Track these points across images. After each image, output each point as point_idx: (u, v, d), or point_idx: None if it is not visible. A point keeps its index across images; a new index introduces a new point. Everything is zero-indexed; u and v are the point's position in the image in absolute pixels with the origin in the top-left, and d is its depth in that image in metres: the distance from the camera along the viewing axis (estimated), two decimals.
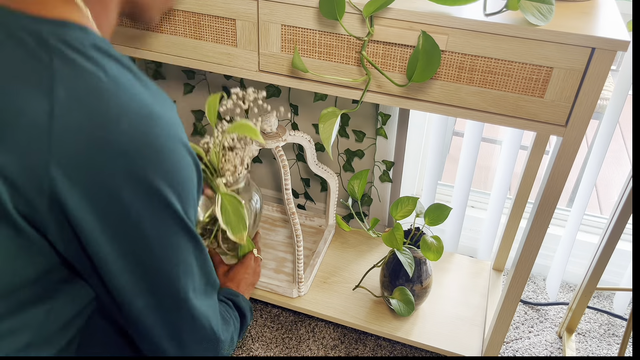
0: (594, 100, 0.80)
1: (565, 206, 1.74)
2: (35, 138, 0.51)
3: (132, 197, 0.54)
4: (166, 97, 0.59)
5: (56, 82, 0.52)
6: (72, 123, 0.51)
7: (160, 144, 0.55)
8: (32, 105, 0.51)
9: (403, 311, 1.23)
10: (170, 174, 0.56)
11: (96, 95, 0.52)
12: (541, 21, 0.77)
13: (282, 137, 1.23)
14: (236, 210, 0.95)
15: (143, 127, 0.54)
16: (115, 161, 0.52)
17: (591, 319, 1.50)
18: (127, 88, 0.54)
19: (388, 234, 1.17)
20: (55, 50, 0.53)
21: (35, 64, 0.52)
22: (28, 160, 0.51)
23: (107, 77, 0.53)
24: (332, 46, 0.91)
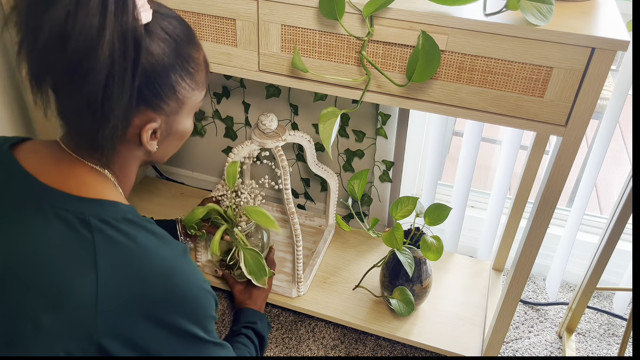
0: (594, 100, 0.80)
1: (565, 206, 1.74)
2: (86, 305, 0.63)
3: (164, 337, 0.69)
4: (179, 247, 0.72)
5: (98, 256, 0.64)
6: (114, 287, 0.64)
7: (182, 291, 0.69)
8: (81, 277, 0.63)
9: (403, 311, 1.23)
10: (194, 313, 0.71)
11: (130, 261, 0.65)
12: (541, 21, 0.77)
13: (282, 137, 1.23)
14: (257, 261, 1.16)
15: (167, 281, 0.67)
16: (149, 312, 0.66)
17: (591, 319, 1.50)
18: (152, 250, 0.67)
19: (388, 234, 1.17)
20: (95, 228, 0.65)
21: (80, 241, 0.64)
22: (80, 322, 0.63)
23: (137, 246, 0.66)
24: (332, 46, 0.91)
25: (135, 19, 0.62)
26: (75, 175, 0.69)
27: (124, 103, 0.63)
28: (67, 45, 0.59)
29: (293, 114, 1.49)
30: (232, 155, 1.25)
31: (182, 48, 0.71)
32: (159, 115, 0.71)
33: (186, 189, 1.71)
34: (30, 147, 0.73)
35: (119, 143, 0.70)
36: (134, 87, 0.64)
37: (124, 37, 0.61)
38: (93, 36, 0.59)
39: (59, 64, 0.60)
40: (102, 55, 0.59)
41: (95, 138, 0.66)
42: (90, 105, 0.62)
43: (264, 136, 1.22)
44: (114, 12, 0.60)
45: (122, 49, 0.61)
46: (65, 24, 0.58)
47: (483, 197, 1.65)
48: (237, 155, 1.26)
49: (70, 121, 0.67)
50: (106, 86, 0.61)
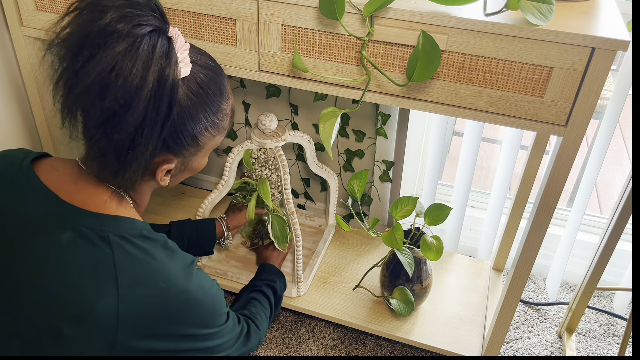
0: (594, 100, 0.80)
1: (565, 206, 1.74)
2: (107, 318, 0.65)
3: (181, 342, 0.73)
4: (189, 258, 0.75)
5: (118, 271, 0.66)
6: (134, 300, 0.66)
7: (199, 301, 0.73)
8: (103, 292, 0.65)
9: (403, 311, 1.23)
10: (209, 318, 0.76)
11: (149, 275, 0.68)
12: (541, 21, 0.77)
13: (282, 137, 1.22)
14: (282, 227, 1.30)
15: (185, 293, 0.71)
16: (167, 322, 0.70)
17: (591, 318, 1.50)
18: (167, 265, 0.70)
19: (388, 234, 1.17)
20: (115, 244, 0.67)
21: (101, 257, 0.66)
22: (102, 334, 0.66)
23: (154, 260, 0.69)
24: (332, 46, 0.91)
25: (175, 79, 0.64)
26: (93, 194, 0.71)
27: (148, 152, 0.66)
28: (107, 96, 0.60)
29: (293, 114, 1.49)
30: (232, 155, 1.25)
31: (213, 101, 0.73)
32: (176, 158, 0.73)
33: (186, 189, 1.71)
34: (49, 164, 0.74)
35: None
36: (160, 139, 0.66)
37: (160, 94, 0.63)
38: (132, 92, 0.60)
39: (94, 109, 0.62)
40: (137, 110, 0.61)
41: (116, 175, 0.68)
42: (116, 150, 0.64)
43: (263, 136, 1.22)
44: (157, 72, 0.62)
45: (157, 105, 0.63)
46: (109, 76, 0.60)
47: (483, 197, 1.65)
48: (237, 155, 1.26)
49: (94, 156, 0.68)
50: (134, 137, 0.63)
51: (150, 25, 0.62)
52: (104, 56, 0.60)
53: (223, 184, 1.30)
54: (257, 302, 1.07)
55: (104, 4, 0.62)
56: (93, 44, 0.60)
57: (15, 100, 1.29)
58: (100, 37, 0.60)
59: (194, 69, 0.70)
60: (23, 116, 1.32)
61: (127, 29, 0.60)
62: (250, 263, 1.42)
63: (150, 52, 0.61)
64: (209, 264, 1.39)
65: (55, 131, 1.29)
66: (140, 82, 0.60)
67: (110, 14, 0.61)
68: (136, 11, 0.62)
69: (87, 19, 0.62)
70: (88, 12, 0.62)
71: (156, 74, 0.61)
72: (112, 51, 0.60)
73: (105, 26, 0.60)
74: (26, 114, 1.33)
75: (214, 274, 1.38)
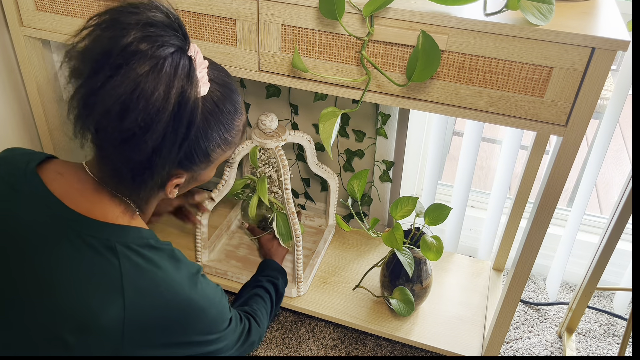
0: (594, 100, 0.80)
1: (565, 206, 1.74)
2: (113, 328, 0.65)
3: (187, 349, 0.74)
4: (194, 267, 0.75)
5: (125, 281, 0.66)
6: (140, 310, 0.66)
7: (203, 310, 0.73)
8: (109, 302, 0.65)
9: (403, 311, 1.23)
10: (213, 326, 0.77)
11: (155, 285, 0.68)
12: (541, 21, 0.77)
13: (282, 137, 1.22)
14: (287, 225, 1.31)
15: (190, 303, 0.71)
16: (172, 332, 0.70)
17: (591, 318, 1.50)
18: (173, 274, 0.70)
19: (388, 234, 1.17)
20: (121, 254, 0.67)
21: (107, 267, 0.66)
22: (107, 343, 0.66)
23: (160, 271, 0.69)
24: (332, 46, 0.91)
25: (196, 99, 0.64)
26: (100, 202, 0.70)
27: (165, 171, 0.66)
28: (127, 118, 0.59)
29: (293, 114, 1.49)
30: (232, 155, 1.25)
31: (227, 119, 0.72)
32: (186, 172, 0.73)
33: None
34: (55, 169, 0.73)
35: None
36: (177, 158, 0.66)
37: (180, 115, 0.62)
38: (153, 114, 0.60)
39: (112, 130, 0.61)
40: (156, 132, 0.61)
41: (131, 194, 0.69)
42: (133, 171, 0.64)
43: (264, 136, 1.22)
44: (178, 93, 0.61)
45: (176, 127, 0.62)
46: (130, 97, 0.59)
47: (483, 197, 1.65)
48: (237, 155, 1.26)
49: (110, 174, 0.68)
50: (152, 157, 0.63)
51: (173, 46, 0.61)
52: (126, 77, 0.58)
53: (223, 184, 1.30)
54: (259, 297, 1.07)
55: (126, 21, 0.61)
56: (114, 64, 0.59)
57: (15, 100, 1.29)
58: (122, 57, 0.59)
59: (211, 86, 0.69)
60: (23, 116, 1.32)
61: (149, 49, 0.59)
62: (250, 263, 1.42)
63: (172, 74, 0.60)
64: (209, 264, 1.39)
65: (55, 131, 1.29)
66: (162, 104, 0.60)
67: (133, 33, 0.59)
68: (159, 31, 0.61)
69: (107, 35, 0.60)
70: (108, 29, 0.61)
71: (177, 95, 0.61)
72: (135, 72, 0.58)
73: (127, 45, 0.59)
74: (26, 114, 1.33)
75: (214, 274, 1.38)
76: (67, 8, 1.05)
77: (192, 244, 1.47)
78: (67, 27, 1.07)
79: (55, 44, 1.29)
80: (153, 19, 0.61)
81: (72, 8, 1.04)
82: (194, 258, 1.43)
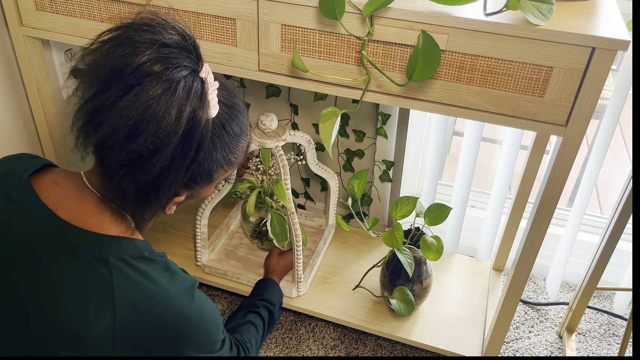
0: (594, 100, 0.80)
1: (565, 206, 1.74)
2: (102, 343, 0.64)
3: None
4: (189, 280, 0.73)
5: (116, 295, 0.64)
6: (131, 325, 0.65)
7: (198, 325, 0.72)
8: (98, 317, 0.64)
9: (403, 311, 1.22)
10: (207, 341, 0.75)
11: (148, 299, 0.66)
12: (541, 21, 0.77)
13: (282, 137, 1.22)
14: (281, 225, 1.29)
15: (184, 318, 0.69)
16: (164, 344, 0.69)
17: (591, 318, 1.50)
18: (167, 288, 0.68)
19: (388, 234, 1.17)
20: (114, 267, 0.65)
21: (98, 280, 0.64)
22: (98, 353, 0.65)
23: (154, 284, 0.67)
24: (332, 46, 0.91)
25: (208, 121, 0.63)
26: (97, 214, 0.69)
27: (171, 193, 0.64)
28: (136, 140, 0.58)
29: (293, 113, 1.49)
30: None
31: (232, 141, 0.71)
32: (187, 191, 0.72)
33: None
34: (51, 178, 0.71)
35: None
36: (183, 180, 0.65)
37: (190, 138, 0.61)
38: (163, 137, 0.58)
39: (120, 150, 0.59)
40: (165, 154, 0.59)
41: (134, 215, 0.68)
42: (138, 190, 0.63)
43: (264, 136, 1.22)
44: (190, 116, 0.60)
45: (186, 150, 0.61)
46: (141, 119, 0.57)
47: (483, 197, 1.65)
48: None
49: (113, 194, 0.66)
50: (159, 178, 0.62)
51: (186, 69, 0.60)
52: (138, 98, 0.57)
53: (223, 183, 1.30)
54: (252, 326, 1.04)
55: (141, 40, 0.59)
56: (127, 83, 0.57)
57: (15, 100, 1.29)
58: (134, 77, 0.58)
59: (220, 108, 0.68)
60: (23, 116, 1.32)
61: (164, 71, 0.58)
62: (250, 263, 1.42)
63: (185, 97, 0.59)
64: (209, 264, 1.39)
65: (55, 132, 1.29)
66: (173, 127, 0.59)
67: (147, 53, 0.58)
68: (174, 53, 0.60)
69: (121, 53, 0.59)
70: (122, 46, 0.59)
71: (189, 118, 0.60)
72: (147, 94, 0.57)
73: (141, 65, 0.58)
74: (26, 114, 1.33)
75: (214, 274, 1.38)
76: (67, 8, 1.05)
77: (192, 244, 1.47)
78: (67, 27, 1.07)
79: (55, 43, 1.29)
80: (168, 40, 0.60)
81: (72, 8, 1.04)
82: (194, 258, 1.43)
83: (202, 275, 1.39)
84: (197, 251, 1.39)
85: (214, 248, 1.45)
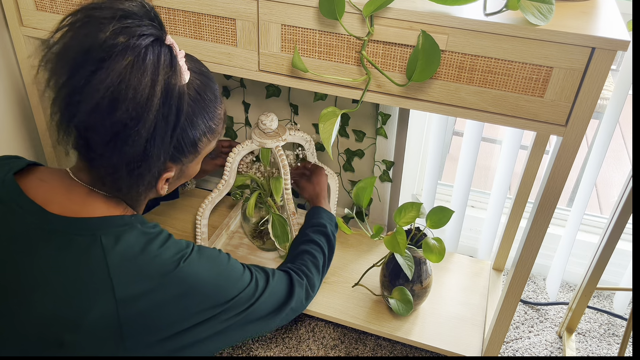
0: (594, 100, 0.80)
1: (565, 206, 1.74)
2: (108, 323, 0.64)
3: (202, 329, 0.71)
4: (184, 243, 0.72)
5: (112, 274, 0.64)
6: (134, 300, 0.65)
7: (202, 285, 0.71)
8: (97, 299, 0.64)
9: (402, 311, 1.22)
10: (221, 298, 0.73)
11: (145, 273, 0.66)
12: (541, 21, 0.77)
13: (283, 137, 1.22)
14: (282, 227, 1.29)
15: (183, 281, 0.69)
16: (176, 313, 0.68)
17: (591, 318, 1.50)
18: (160, 255, 0.68)
19: (390, 237, 1.16)
20: (106, 247, 0.65)
21: (93, 264, 0.64)
22: (106, 336, 0.64)
23: (149, 256, 0.67)
24: (332, 46, 0.91)
25: (181, 86, 0.64)
26: (88, 202, 0.69)
27: (160, 162, 0.65)
28: (118, 109, 0.59)
29: (293, 113, 1.49)
30: (232, 155, 1.25)
31: (209, 106, 0.73)
32: (175, 166, 0.73)
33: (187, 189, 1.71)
34: (37, 176, 0.72)
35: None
36: (170, 147, 0.66)
37: (169, 103, 0.62)
38: (143, 103, 0.60)
39: (104, 125, 0.60)
40: (148, 120, 0.61)
41: (130, 190, 0.67)
42: (129, 164, 0.63)
43: (264, 136, 1.22)
44: (164, 81, 0.61)
45: (166, 114, 0.62)
46: (118, 88, 0.59)
47: (483, 197, 1.65)
48: (237, 155, 1.26)
49: (103, 175, 0.67)
50: (146, 147, 0.62)
51: (151, 36, 0.62)
52: (111, 70, 0.58)
53: (223, 183, 1.30)
54: (306, 254, 1.02)
55: (100, 16, 0.60)
56: (96, 58, 0.59)
57: (15, 100, 1.29)
58: (103, 51, 0.59)
59: (190, 75, 0.70)
60: (23, 116, 1.32)
61: (129, 41, 0.59)
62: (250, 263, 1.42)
63: (156, 62, 0.61)
64: None
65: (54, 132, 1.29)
66: (150, 92, 0.60)
67: (110, 27, 0.59)
68: (136, 22, 0.61)
69: (84, 32, 0.60)
70: (84, 26, 0.61)
71: (163, 83, 0.61)
72: (119, 64, 0.59)
73: (106, 39, 0.59)
74: (26, 114, 1.33)
75: None
76: (67, 8, 1.05)
77: None
78: None
79: None
80: (128, 10, 0.61)
81: (72, 8, 1.04)
82: None
83: None
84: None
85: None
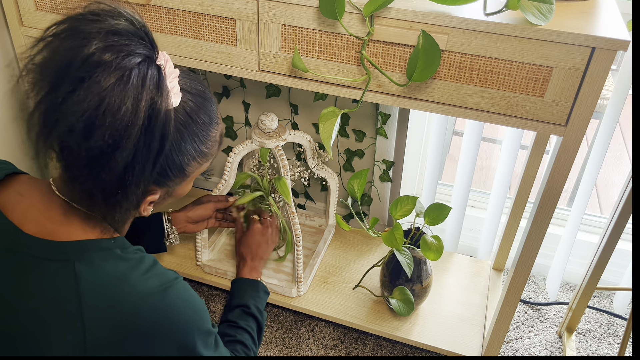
0: (594, 100, 0.80)
1: (565, 206, 1.74)
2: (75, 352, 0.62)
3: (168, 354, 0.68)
4: (170, 275, 0.69)
5: (83, 303, 0.61)
6: (102, 330, 0.62)
7: (172, 323, 0.67)
8: (66, 328, 0.61)
9: (402, 311, 1.23)
10: (187, 338, 0.69)
11: (117, 302, 0.63)
12: (541, 21, 0.77)
13: (283, 137, 1.23)
14: (282, 227, 1.30)
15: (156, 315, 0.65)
16: (144, 343, 0.65)
17: (591, 318, 1.50)
18: (137, 286, 0.64)
19: (388, 233, 1.17)
20: (79, 275, 0.62)
21: (64, 290, 0.62)
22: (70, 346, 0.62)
23: (124, 284, 0.64)
24: (332, 46, 0.91)
25: (168, 111, 0.59)
26: (65, 222, 0.66)
27: (140, 190, 0.61)
28: (92, 136, 0.55)
29: (293, 113, 1.49)
30: (232, 155, 1.25)
31: (201, 130, 0.68)
32: (160, 189, 0.69)
33: None
34: (15, 189, 0.68)
35: None
36: (152, 175, 0.61)
37: (152, 129, 0.58)
38: (122, 130, 0.55)
39: (79, 149, 0.56)
40: (127, 149, 0.56)
41: (105, 217, 0.64)
42: (104, 192, 0.59)
43: (264, 136, 1.22)
44: (148, 106, 0.56)
45: (148, 142, 0.58)
46: (95, 113, 0.54)
47: (483, 196, 1.65)
48: (237, 155, 1.26)
49: (79, 197, 0.63)
50: (124, 176, 0.58)
51: (139, 55, 0.57)
52: (89, 91, 0.54)
53: (223, 183, 1.30)
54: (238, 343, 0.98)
55: (87, 30, 0.56)
56: (76, 76, 0.54)
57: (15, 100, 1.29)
58: (84, 69, 0.54)
59: (183, 97, 0.65)
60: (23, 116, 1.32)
61: (114, 60, 0.55)
62: None
63: (140, 85, 0.56)
64: (209, 263, 1.39)
65: None
66: (130, 118, 0.55)
67: (95, 43, 0.55)
68: (124, 40, 0.56)
69: (67, 46, 0.56)
70: (68, 39, 0.56)
71: (147, 108, 0.56)
72: (99, 86, 0.54)
73: (89, 56, 0.54)
74: None
75: (214, 274, 1.38)
76: (67, 8, 1.05)
77: (192, 243, 1.47)
78: None
79: None
80: (116, 27, 0.57)
81: (72, 8, 1.04)
82: (194, 258, 1.43)
83: (202, 275, 1.39)
84: (197, 251, 1.39)
85: (214, 248, 1.45)
